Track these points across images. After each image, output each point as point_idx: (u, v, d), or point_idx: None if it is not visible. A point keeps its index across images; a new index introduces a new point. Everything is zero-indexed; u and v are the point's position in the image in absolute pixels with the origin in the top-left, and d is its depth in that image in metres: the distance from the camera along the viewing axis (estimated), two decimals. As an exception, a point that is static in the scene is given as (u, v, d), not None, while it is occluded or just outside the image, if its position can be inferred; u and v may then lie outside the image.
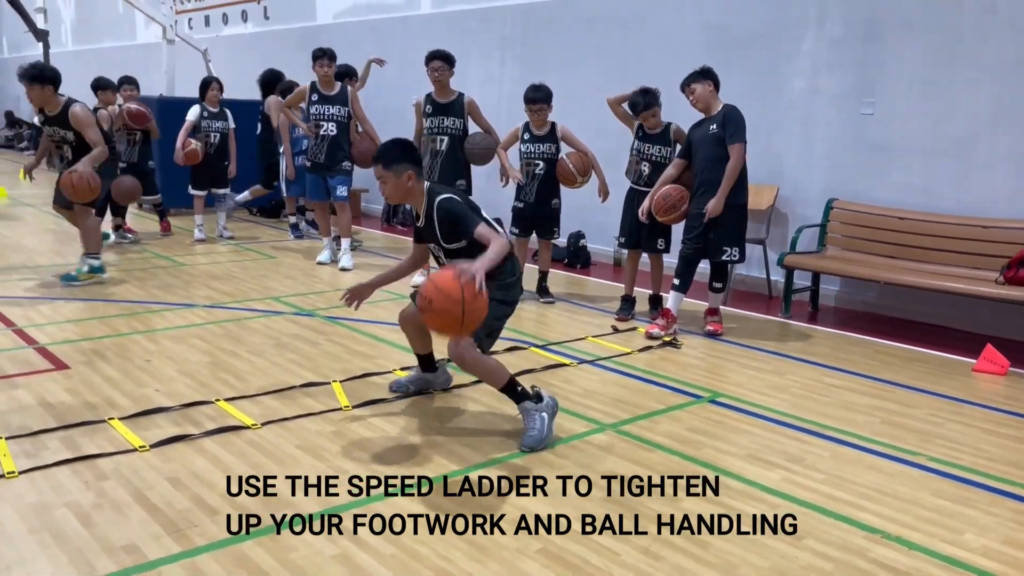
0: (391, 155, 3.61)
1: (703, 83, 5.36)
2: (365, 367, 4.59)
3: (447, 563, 2.63)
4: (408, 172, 3.59)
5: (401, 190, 3.61)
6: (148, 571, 2.53)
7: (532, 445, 3.47)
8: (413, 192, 3.65)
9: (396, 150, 3.64)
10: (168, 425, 3.67)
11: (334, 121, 7.24)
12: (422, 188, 3.67)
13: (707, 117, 5.42)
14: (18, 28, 18.78)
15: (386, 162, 3.59)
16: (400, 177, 3.59)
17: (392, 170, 3.59)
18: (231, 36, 13.76)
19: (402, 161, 3.59)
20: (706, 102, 5.39)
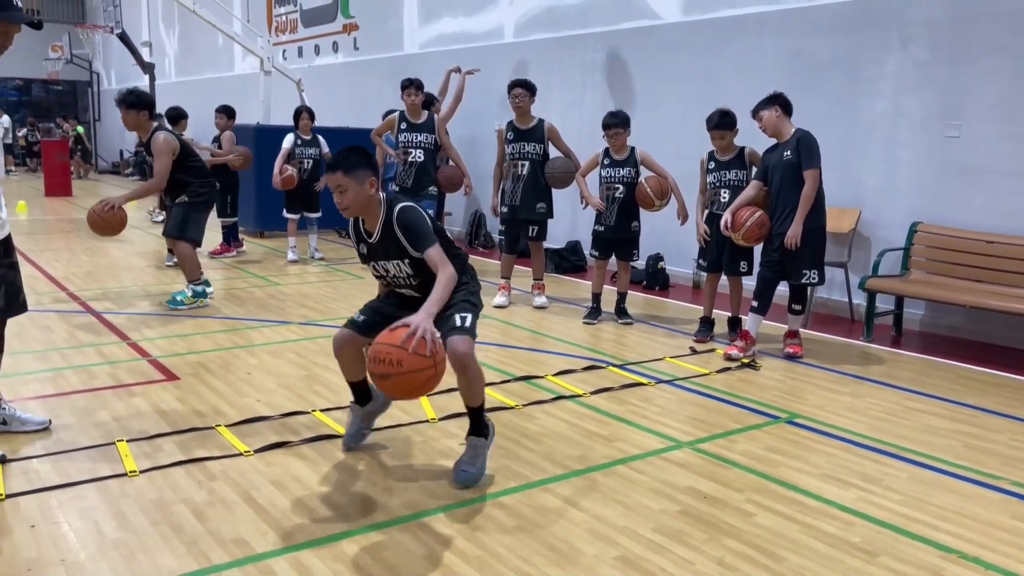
0: (351, 162, 3.30)
1: (770, 109, 5.43)
2: (450, 382, 4.78)
3: (527, 565, 2.78)
4: (370, 179, 3.32)
5: (362, 198, 3.32)
6: (256, 562, 2.77)
7: (469, 483, 3.38)
8: (373, 202, 3.36)
9: (355, 157, 3.33)
10: (269, 433, 3.95)
11: (421, 148, 7.54)
12: (380, 198, 3.40)
13: (780, 142, 5.48)
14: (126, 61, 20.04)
15: (346, 169, 3.28)
16: (362, 184, 3.30)
17: (353, 177, 3.28)
18: (323, 66, 14.39)
19: (363, 167, 3.31)
20: (774, 127, 5.45)
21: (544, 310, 6.88)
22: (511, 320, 6.51)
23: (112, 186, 18.37)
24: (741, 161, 5.89)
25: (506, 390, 4.69)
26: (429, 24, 11.82)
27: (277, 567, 2.74)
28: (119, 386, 4.60)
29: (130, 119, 6.38)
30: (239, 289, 7.44)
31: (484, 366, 5.09)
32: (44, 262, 8.49)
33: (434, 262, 3.29)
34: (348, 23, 13.73)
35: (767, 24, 7.50)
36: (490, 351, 5.56)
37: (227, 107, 9.47)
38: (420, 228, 3.33)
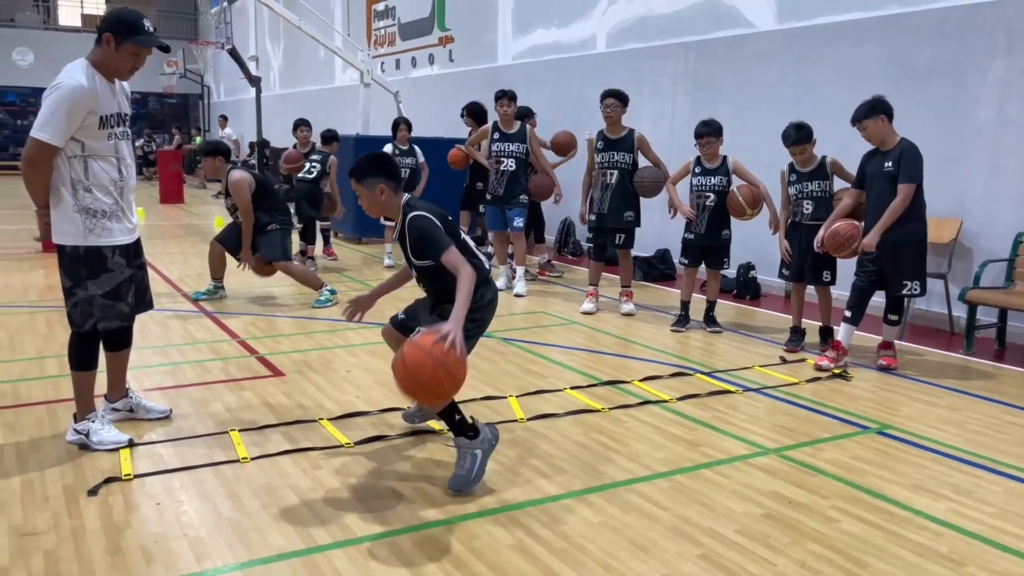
0: (362, 170, 3.53)
1: (876, 118, 5.32)
2: (539, 384, 4.94)
3: (611, 559, 2.89)
4: (380, 186, 3.49)
5: (376, 204, 3.54)
6: (356, 545, 2.97)
7: (459, 487, 3.37)
8: (389, 206, 3.55)
9: (367, 165, 3.55)
10: (368, 427, 4.17)
11: (513, 157, 7.73)
12: (399, 202, 3.55)
13: (882, 151, 5.40)
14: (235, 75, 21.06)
15: (358, 177, 3.53)
16: (373, 191, 3.50)
17: (364, 184, 3.51)
18: (419, 78, 14.81)
19: (373, 175, 3.50)
20: (880, 137, 5.36)
21: (632, 317, 6.95)
22: (598, 326, 6.60)
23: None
24: (823, 171, 5.84)
25: (592, 394, 4.79)
26: (523, 35, 12.04)
27: (376, 551, 2.93)
28: (230, 380, 4.93)
29: (207, 164, 7.03)
30: (340, 293, 7.77)
31: (571, 370, 5.26)
32: (160, 265, 9.06)
33: (452, 265, 3.37)
34: (444, 36, 14.10)
35: (866, 31, 7.38)
36: (577, 356, 5.68)
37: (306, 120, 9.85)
38: (429, 237, 3.42)
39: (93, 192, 3.62)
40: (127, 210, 3.78)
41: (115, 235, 3.71)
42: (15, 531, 3.00)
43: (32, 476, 3.48)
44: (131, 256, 3.80)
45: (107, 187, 3.65)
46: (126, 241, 3.76)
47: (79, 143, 3.56)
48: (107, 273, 3.69)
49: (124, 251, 3.75)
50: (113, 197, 3.68)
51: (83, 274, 3.67)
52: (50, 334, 5.91)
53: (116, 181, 3.70)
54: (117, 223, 3.71)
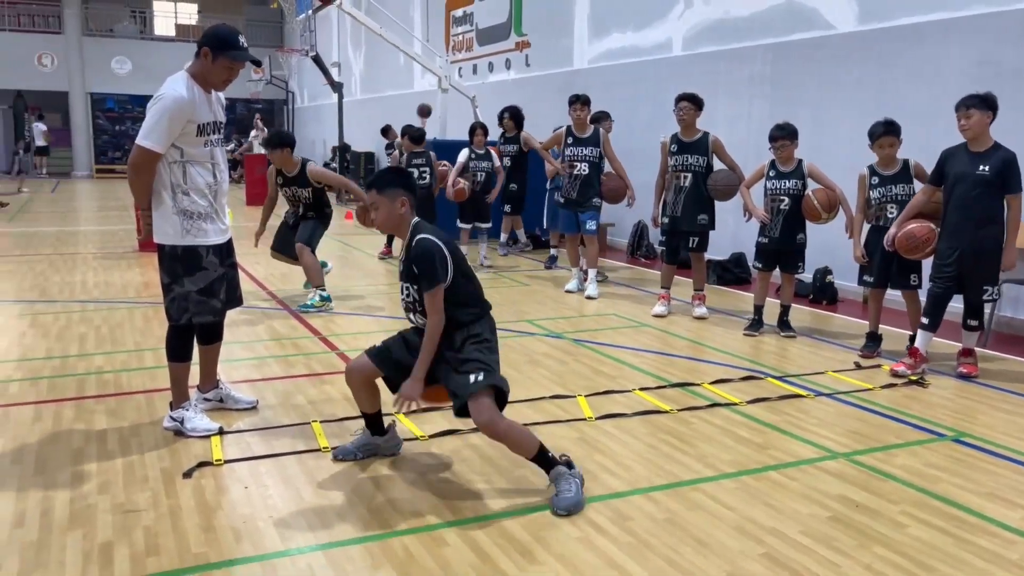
0: (385, 181, 3.49)
1: (984, 111, 5.15)
2: (608, 385, 5.02)
3: (675, 554, 2.96)
4: (401, 198, 3.45)
5: (394, 217, 3.46)
6: (430, 531, 3.11)
7: (568, 508, 3.26)
8: (404, 221, 3.48)
9: (390, 176, 3.53)
10: (442, 421, 4.32)
11: (587, 161, 7.82)
12: (410, 220, 3.50)
13: (971, 150, 5.25)
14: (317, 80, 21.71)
15: (380, 187, 3.46)
16: (394, 203, 3.44)
17: (386, 195, 3.45)
18: (495, 83, 15.02)
19: (396, 186, 3.46)
20: (978, 132, 5.19)
21: (704, 320, 6.95)
22: (670, 329, 6.63)
23: (303, 196, 19.95)
24: (907, 174, 5.74)
25: (662, 395, 4.85)
26: (599, 39, 12.10)
27: (448, 538, 3.07)
28: (312, 375, 5.16)
29: (276, 156, 7.15)
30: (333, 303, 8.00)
31: (640, 371, 5.32)
32: (247, 264, 9.46)
33: (430, 306, 3.35)
34: (521, 40, 14.27)
35: (950, 31, 7.20)
36: (647, 358, 5.73)
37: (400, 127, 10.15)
38: (427, 266, 3.35)
39: (190, 195, 3.88)
40: (220, 212, 4.03)
41: (209, 236, 3.96)
42: (118, 508, 3.26)
43: (133, 459, 3.75)
44: (224, 255, 4.05)
45: (203, 190, 3.91)
46: (219, 241, 4.01)
47: (179, 149, 3.83)
48: (202, 271, 3.95)
49: (217, 251, 4.00)
50: (208, 200, 3.93)
51: (180, 272, 3.93)
52: (147, 328, 6.28)
53: (211, 185, 3.95)
54: (211, 224, 3.96)
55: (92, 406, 4.48)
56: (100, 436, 4.03)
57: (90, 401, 4.57)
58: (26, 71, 26.21)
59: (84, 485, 3.46)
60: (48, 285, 8.01)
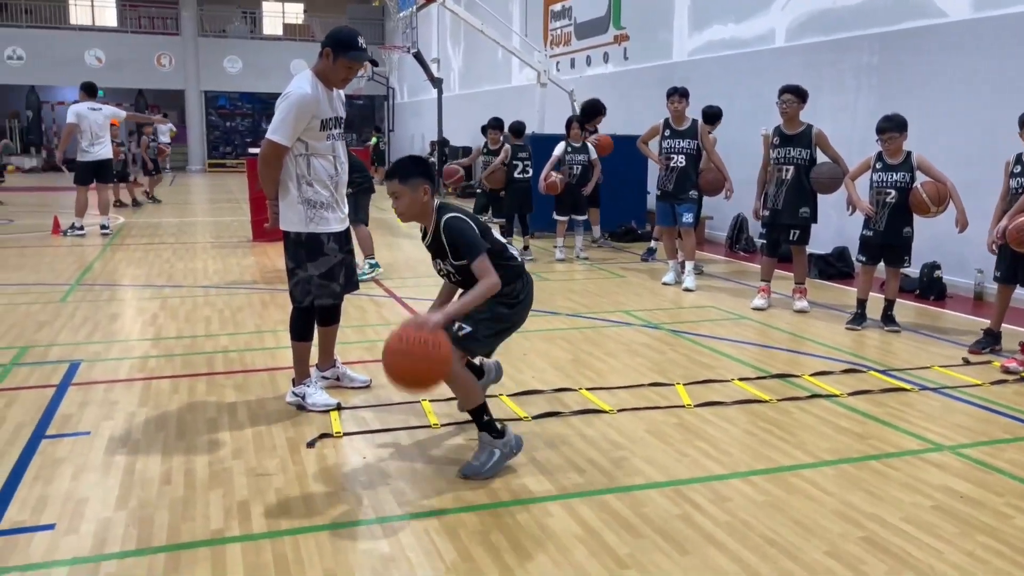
0: (407, 170, 3.55)
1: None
2: (707, 375, 5.09)
3: (774, 535, 3.05)
4: (423, 187, 3.53)
5: (416, 206, 3.54)
6: (535, 503, 3.29)
7: (469, 474, 3.48)
8: (427, 209, 3.57)
9: (411, 165, 3.59)
10: (544, 403, 4.50)
11: (684, 154, 7.84)
12: (433, 206, 3.60)
13: None
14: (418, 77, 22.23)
15: (402, 177, 3.53)
16: (416, 192, 3.52)
17: (408, 185, 3.52)
18: (593, 76, 15.09)
19: (417, 176, 3.53)
20: None
21: (805, 314, 6.90)
22: (770, 322, 6.62)
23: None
24: None
25: (761, 385, 4.89)
26: (699, 32, 12.03)
27: (552, 509, 3.24)
28: (419, 358, 5.42)
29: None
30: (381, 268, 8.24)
31: (739, 362, 5.36)
32: (353, 254, 9.89)
33: (477, 272, 3.45)
34: (619, 34, 14.30)
35: (1073, 16, 6.90)
36: (747, 349, 5.76)
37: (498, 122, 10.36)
38: (465, 239, 3.47)
39: (314, 186, 4.17)
40: (340, 202, 4.31)
41: (331, 224, 4.24)
42: (251, 472, 3.56)
43: (261, 429, 4.08)
44: (343, 242, 4.33)
45: (325, 181, 4.19)
46: (339, 229, 4.29)
47: (304, 143, 4.13)
48: (323, 257, 4.24)
49: (337, 238, 4.28)
50: (329, 190, 4.22)
51: (304, 257, 4.23)
52: (265, 312, 6.69)
53: (332, 176, 4.23)
54: (332, 213, 4.24)
55: (222, 381, 4.85)
56: (231, 408, 4.37)
57: (220, 377, 4.94)
58: (146, 71, 27.77)
59: (220, 450, 3.79)
60: (173, 271, 8.59)
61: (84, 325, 6.21)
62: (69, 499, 3.28)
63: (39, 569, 2.76)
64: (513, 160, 9.66)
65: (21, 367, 5.08)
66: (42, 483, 3.42)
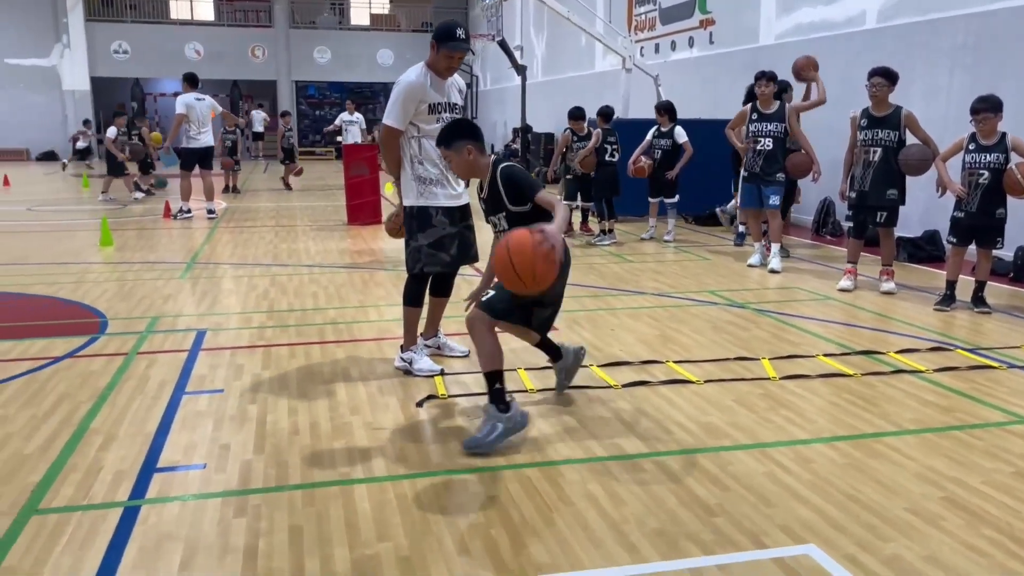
0: (450, 136, 3.87)
1: None
2: (791, 351, 5.25)
3: (856, 492, 3.24)
4: (467, 147, 3.83)
5: (464, 165, 3.88)
6: (629, 459, 3.56)
7: (470, 446, 3.59)
8: (478, 165, 3.88)
9: (454, 130, 3.90)
10: (631, 374, 4.75)
11: (771, 137, 7.92)
12: (487, 161, 3.89)
13: None
14: (501, 64, 22.55)
15: (447, 142, 3.87)
16: (460, 154, 3.84)
17: (453, 149, 3.85)
18: (678, 61, 15.12)
19: (460, 138, 3.84)
20: None
21: (891, 296, 6.92)
22: (856, 303, 6.68)
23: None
24: None
25: (846, 361, 5.02)
26: (787, 15, 11.95)
27: (644, 465, 3.50)
28: (512, 331, 5.73)
29: None
30: (599, 264, 8.46)
31: (824, 339, 5.49)
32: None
33: (547, 202, 3.73)
34: (705, 18, 14.28)
35: None
36: (832, 328, 5.87)
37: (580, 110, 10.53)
38: (522, 180, 3.80)
39: (424, 165, 4.54)
40: (452, 180, 4.62)
41: (439, 199, 4.59)
42: (368, 426, 3.94)
43: (373, 389, 4.46)
44: (454, 216, 4.64)
45: (434, 160, 4.54)
46: (449, 204, 4.61)
47: (415, 126, 4.50)
48: (432, 228, 4.58)
49: (447, 212, 4.60)
50: (439, 168, 4.55)
51: (415, 228, 4.61)
52: (366, 289, 7.12)
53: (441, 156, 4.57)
54: (442, 189, 4.59)
55: (333, 349, 5.27)
56: (344, 371, 4.77)
57: (331, 345, 5.36)
58: (241, 63, 28.96)
59: (339, 408, 4.18)
60: (279, 251, 9.13)
61: (204, 299, 6.75)
62: (214, 444, 3.71)
63: (197, 499, 3.18)
64: (603, 144, 9.89)
65: (156, 334, 5.61)
66: (188, 431, 3.87)
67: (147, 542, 2.87)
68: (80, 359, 5.00)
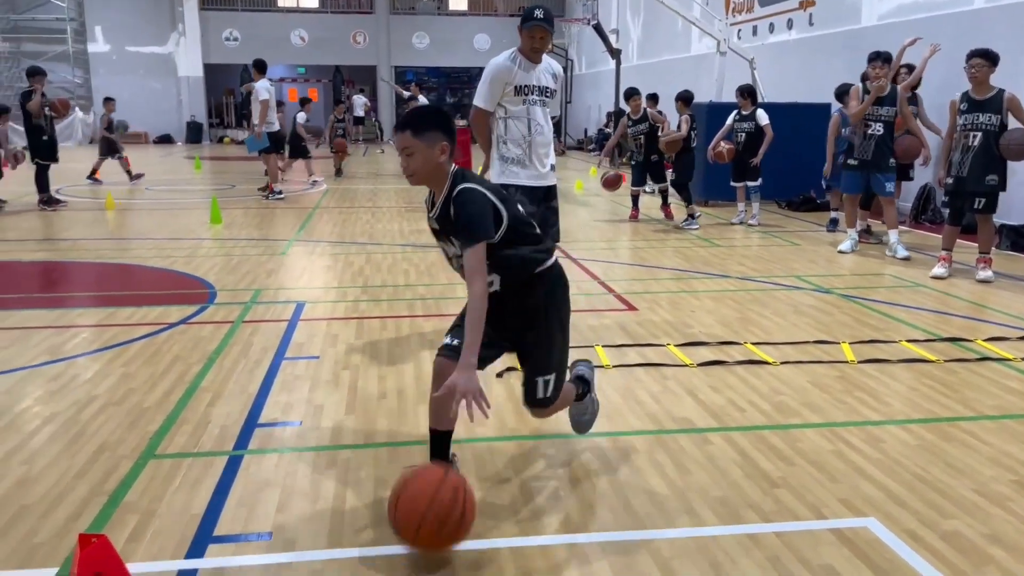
0: (422, 122, 2.88)
1: None
2: (874, 336, 5.22)
3: (924, 472, 3.27)
4: (441, 143, 2.86)
5: (430, 165, 2.85)
6: (697, 433, 3.68)
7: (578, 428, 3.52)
8: (441, 171, 2.89)
9: (429, 117, 2.93)
10: (708, 354, 4.84)
11: (882, 121, 7.68)
12: (448, 170, 2.91)
13: None
14: (596, 48, 22.52)
15: (415, 129, 2.85)
16: (432, 148, 2.85)
17: (422, 139, 2.84)
18: (776, 43, 14.80)
19: (434, 129, 2.87)
20: None
21: (988, 284, 6.73)
22: (949, 291, 6.53)
23: (577, 160, 21.00)
24: None
25: (930, 347, 4.96)
26: (890, -6, 11.57)
27: (713, 439, 3.62)
28: (593, 310, 5.88)
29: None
30: (685, 248, 8.49)
31: (910, 326, 5.44)
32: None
33: (469, 267, 2.78)
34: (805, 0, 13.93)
35: None
36: (920, 315, 5.78)
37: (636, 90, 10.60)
38: (470, 217, 2.79)
39: (508, 145, 4.74)
40: (537, 161, 4.76)
41: (520, 178, 4.76)
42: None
43: (457, 361, 4.69)
44: (536, 197, 4.78)
45: (518, 140, 4.72)
46: (529, 184, 4.77)
47: (503, 108, 4.70)
48: None
49: (527, 191, 4.76)
50: (522, 149, 4.73)
51: (496, 206, 4.81)
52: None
53: (525, 136, 4.73)
54: (523, 169, 4.76)
55: (422, 322, 5.55)
56: (430, 343, 5.03)
57: (420, 319, 5.64)
58: (343, 48, 29.78)
59: (424, 376, 4.43)
60: (374, 231, 9.52)
61: (303, 274, 7.16)
62: (309, 404, 4.02)
63: (294, 451, 3.49)
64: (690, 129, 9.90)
65: (259, 305, 6.02)
66: (286, 392, 4.20)
67: (248, 487, 3.18)
68: (192, 325, 5.44)
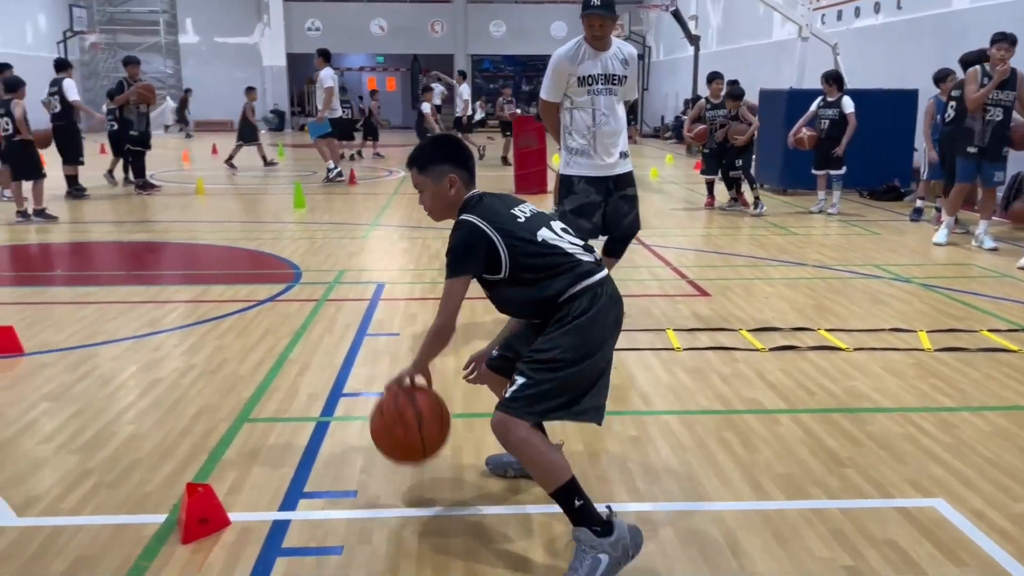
0: (425, 156, 2.74)
1: None
2: (953, 325, 5.14)
3: (996, 457, 3.27)
4: (450, 176, 2.69)
5: (442, 201, 2.72)
6: (766, 414, 3.74)
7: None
8: (454, 203, 2.72)
9: (432, 150, 2.76)
10: (780, 339, 4.86)
11: (1001, 106, 7.31)
12: (462, 198, 2.72)
13: None
14: (675, 34, 22.29)
15: (421, 166, 2.73)
16: (440, 183, 2.69)
17: (429, 174, 2.71)
18: (861, 28, 14.42)
19: (440, 163, 2.70)
20: None
21: (1079, 276, 6.51)
22: None
23: (653, 147, 20.87)
24: None
25: (1012, 337, 4.88)
26: (983, -25, 11.16)
27: (781, 420, 3.67)
28: (665, 295, 5.95)
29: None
30: (762, 236, 8.43)
31: (992, 315, 5.33)
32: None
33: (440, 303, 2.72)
34: (893, -18, 13.53)
35: None
36: (1004, 305, 5.66)
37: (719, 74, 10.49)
38: (451, 250, 2.65)
39: (573, 135, 4.78)
40: (602, 151, 4.74)
41: (583, 169, 4.77)
42: (524, 370, 4.32)
43: (530, 340, 4.83)
44: (600, 186, 4.78)
45: (582, 131, 4.73)
46: (592, 174, 4.76)
47: (568, 98, 4.74)
48: (573, 195, 4.81)
49: (592, 181, 4.77)
50: (587, 139, 4.73)
51: (562, 194, 4.92)
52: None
53: (589, 127, 4.74)
54: (588, 160, 4.77)
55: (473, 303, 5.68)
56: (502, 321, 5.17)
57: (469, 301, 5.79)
58: (421, 37, 30.17)
59: (498, 353, 4.59)
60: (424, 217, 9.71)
61: (383, 256, 7.42)
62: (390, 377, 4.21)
63: (375, 419, 3.69)
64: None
65: (342, 284, 6.28)
66: (369, 365, 4.42)
67: (335, 450, 3.40)
68: (280, 303, 5.73)
